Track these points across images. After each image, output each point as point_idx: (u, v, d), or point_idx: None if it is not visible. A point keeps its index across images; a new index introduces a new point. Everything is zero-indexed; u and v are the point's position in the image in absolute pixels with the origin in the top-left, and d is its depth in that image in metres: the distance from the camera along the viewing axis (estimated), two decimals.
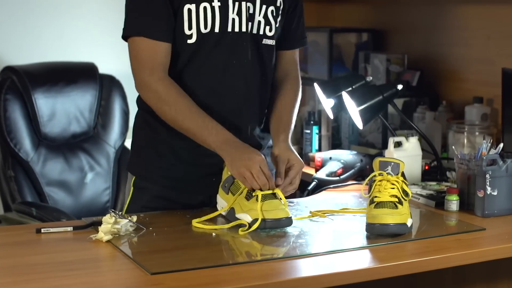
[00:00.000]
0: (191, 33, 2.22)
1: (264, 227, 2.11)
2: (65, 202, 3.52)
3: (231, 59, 2.26)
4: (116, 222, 2.05)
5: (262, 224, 2.10)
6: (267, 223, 2.11)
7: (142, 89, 2.23)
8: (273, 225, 2.11)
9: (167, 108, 2.20)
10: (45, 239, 2.07)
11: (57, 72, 3.63)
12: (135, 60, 2.23)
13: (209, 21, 2.21)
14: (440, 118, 3.29)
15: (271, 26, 2.31)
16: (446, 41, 3.45)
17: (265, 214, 2.11)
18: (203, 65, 2.25)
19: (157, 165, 2.34)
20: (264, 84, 2.35)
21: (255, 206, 2.12)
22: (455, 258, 2.02)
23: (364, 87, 2.93)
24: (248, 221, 2.12)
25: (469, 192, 2.39)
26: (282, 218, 2.12)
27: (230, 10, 2.23)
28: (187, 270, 1.82)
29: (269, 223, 2.11)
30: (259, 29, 2.29)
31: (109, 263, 1.93)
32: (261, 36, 2.30)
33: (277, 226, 2.11)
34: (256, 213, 2.11)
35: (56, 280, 1.77)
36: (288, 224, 2.13)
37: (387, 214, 2.07)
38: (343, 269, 1.90)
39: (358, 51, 3.79)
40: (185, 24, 2.21)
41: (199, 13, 2.21)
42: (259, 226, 2.10)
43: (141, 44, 2.20)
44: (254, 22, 2.27)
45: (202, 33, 2.22)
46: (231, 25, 2.24)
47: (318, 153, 3.10)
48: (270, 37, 2.31)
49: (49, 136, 3.55)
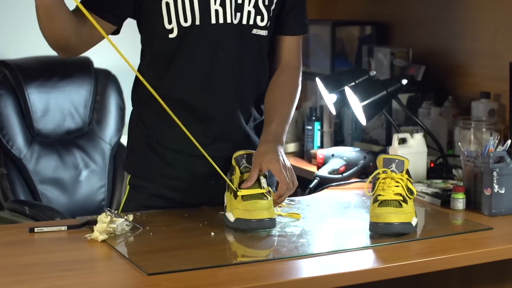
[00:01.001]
0: (172, 27, 2.21)
1: (245, 227, 2.10)
2: (59, 200, 3.52)
3: (217, 52, 2.24)
4: (111, 221, 2.05)
5: (243, 224, 2.09)
6: (248, 224, 2.09)
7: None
8: (255, 226, 2.09)
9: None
10: (38, 239, 2.07)
11: (51, 67, 3.64)
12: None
13: (188, 14, 2.20)
14: (446, 114, 3.29)
15: (263, 16, 2.28)
16: (453, 34, 3.44)
17: (247, 214, 2.10)
18: (189, 60, 2.24)
19: (153, 164, 2.33)
20: (257, 78, 2.34)
21: (239, 205, 2.12)
22: (462, 258, 2.02)
23: (368, 82, 2.93)
24: (231, 220, 2.12)
25: (475, 190, 2.39)
26: (264, 219, 2.10)
27: (212, 1, 2.21)
28: (185, 270, 1.82)
29: (251, 224, 2.09)
30: (248, 19, 2.26)
31: (104, 263, 1.93)
32: (250, 26, 2.27)
33: (259, 227, 2.10)
34: (238, 212, 2.11)
35: (50, 281, 1.77)
36: (272, 226, 2.11)
37: (391, 213, 2.06)
38: (345, 270, 1.89)
39: (361, 44, 3.79)
40: (164, 18, 2.20)
41: (177, 6, 2.20)
42: (240, 226, 2.10)
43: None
44: (244, 13, 2.25)
45: (183, 26, 2.21)
46: (214, 17, 2.22)
47: (320, 150, 3.09)
48: (262, 27, 2.29)
49: (42, 133, 3.55)
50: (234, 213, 2.12)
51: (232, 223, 2.11)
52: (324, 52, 3.82)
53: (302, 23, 2.40)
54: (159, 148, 2.32)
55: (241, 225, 2.09)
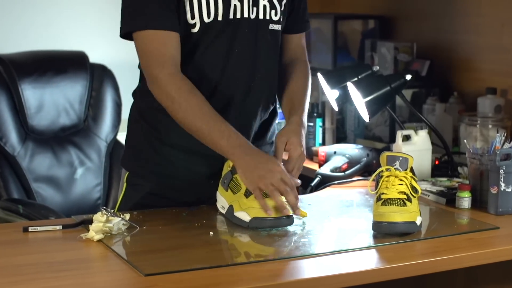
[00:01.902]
0: (195, 22, 2.22)
1: (262, 226, 2.10)
2: (53, 199, 3.52)
3: (233, 47, 2.25)
4: (107, 221, 2.05)
5: (261, 223, 2.10)
6: (266, 222, 2.10)
7: (153, 86, 2.20)
8: (272, 224, 2.11)
9: (177, 106, 2.16)
10: (33, 239, 2.06)
11: (45, 61, 3.63)
12: (143, 56, 2.20)
13: (212, 9, 2.21)
14: (451, 110, 3.29)
15: (276, 10, 2.30)
16: (458, 28, 3.44)
17: (264, 212, 2.11)
18: (204, 55, 2.25)
19: (152, 161, 2.34)
20: (270, 72, 2.35)
21: (254, 204, 2.12)
22: (467, 258, 2.02)
23: (371, 77, 2.92)
24: (246, 220, 2.12)
25: (481, 189, 2.39)
26: (282, 217, 2.11)
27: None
28: (183, 271, 1.82)
29: (268, 222, 2.10)
30: (265, 14, 2.29)
31: (100, 264, 1.93)
32: (267, 21, 2.29)
33: (276, 225, 2.11)
34: (254, 211, 2.11)
35: (44, 282, 1.77)
36: (289, 224, 2.13)
37: (395, 212, 2.06)
38: (348, 270, 1.89)
39: (364, 39, 3.79)
40: (188, 14, 2.21)
41: (201, 1, 2.20)
42: (258, 225, 2.10)
43: (149, 37, 2.18)
44: (260, 7, 2.27)
45: (205, 22, 2.22)
46: (232, 12, 2.23)
47: (322, 147, 3.09)
48: (276, 21, 2.31)
49: (36, 129, 3.55)
50: (249, 213, 2.12)
51: (248, 222, 2.11)
52: (326, 46, 3.81)
53: (305, 20, 2.46)
54: (159, 145, 2.32)
55: (259, 224, 2.10)
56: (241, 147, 2.15)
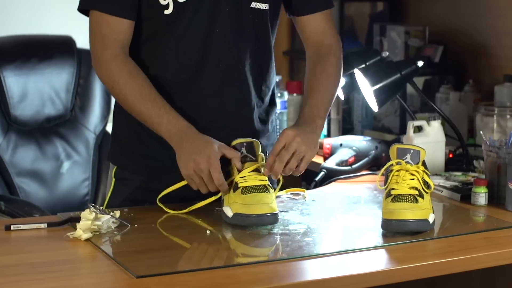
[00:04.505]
0: (167, 3, 2.22)
1: (244, 223, 2.10)
2: (38, 195, 3.52)
3: (213, 28, 2.25)
4: (96, 218, 2.05)
5: (242, 220, 2.10)
6: (248, 219, 2.10)
7: (96, 65, 2.27)
8: (254, 222, 2.10)
9: (117, 89, 2.23)
10: (15, 238, 2.06)
11: (29, 47, 3.63)
12: (92, 34, 2.27)
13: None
14: (466, 99, 3.29)
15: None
16: (474, 11, 3.44)
17: (247, 208, 2.10)
18: (183, 37, 2.25)
19: (139, 153, 2.34)
20: (257, 56, 2.34)
21: (237, 199, 2.12)
22: (484, 259, 2.02)
23: (380, 64, 2.93)
24: (229, 216, 2.12)
25: (499, 184, 2.39)
26: (265, 214, 2.10)
27: None
28: (177, 273, 1.82)
29: (250, 219, 2.10)
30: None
31: (88, 264, 1.93)
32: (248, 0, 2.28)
33: (259, 223, 2.10)
34: (237, 206, 2.11)
35: (28, 284, 1.77)
36: (273, 221, 2.12)
37: (406, 209, 2.07)
38: (355, 272, 1.90)
39: (372, 22, 3.79)
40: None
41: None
42: (239, 222, 2.10)
43: (100, 18, 2.24)
44: None
45: (179, 1, 2.21)
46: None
47: (327, 139, 3.09)
48: (261, 0, 2.29)
49: (19, 120, 3.55)
50: (232, 208, 2.12)
51: (230, 218, 2.11)
52: None
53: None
54: (145, 136, 2.32)
55: (240, 220, 2.10)
56: (179, 133, 2.18)
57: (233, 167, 2.18)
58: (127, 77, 2.22)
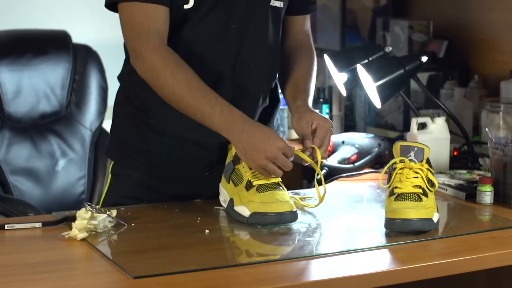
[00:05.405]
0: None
1: (263, 222, 2.10)
2: (32, 193, 3.52)
3: (229, 23, 2.25)
4: (92, 217, 2.05)
5: (261, 219, 2.10)
6: (266, 218, 2.10)
7: (136, 61, 2.20)
8: (274, 220, 2.11)
9: (163, 81, 2.16)
10: (9, 237, 2.06)
11: (24, 42, 3.63)
12: (127, 28, 2.21)
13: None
14: (471, 96, 3.29)
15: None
16: (479, 5, 3.44)
17: (265, 207, 2.11)
18: (197, 31, 2.25)
19: (138, 148, 2.34)
20: (271, 52, 2.35)
21: (254, 198, 2.12)
22: (489, 259, 2.02)
23: (383, 59, 2.93)
24: (245, 215, 2.12)
25: (505, 182, 2.39)
26: (285, 212, 2.12)
27: None
28: (176, 273, 1.82)
29: (269, 218, 2.10)
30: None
31: (84, 265, 1.93)
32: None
33: (279, 221, 2.11)
34: (255, 205, 2.11)
35: (22, 285, 1.77)
36: (293, 219, 2.13)
37: (409, 208, 2.07)
38: (357, 272, 1.89)
39: (375, 17, 3.79)
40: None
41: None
42: (258, 221, 2.10)
43: (133, 9, 2.18)
44: None
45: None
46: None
47: None
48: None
49: (14, 117, 3.55)
50: (249, 207, 2.12)
51: (247, 218, 2.12)
52: (334, 25, 3.81)
53: (312, 1, 2.47)
54: (146, 130, 2.32)
55: (259, 219, 2.10)
56: (235, 123, 2.13)
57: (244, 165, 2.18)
58: (172, 69, 2.16)
